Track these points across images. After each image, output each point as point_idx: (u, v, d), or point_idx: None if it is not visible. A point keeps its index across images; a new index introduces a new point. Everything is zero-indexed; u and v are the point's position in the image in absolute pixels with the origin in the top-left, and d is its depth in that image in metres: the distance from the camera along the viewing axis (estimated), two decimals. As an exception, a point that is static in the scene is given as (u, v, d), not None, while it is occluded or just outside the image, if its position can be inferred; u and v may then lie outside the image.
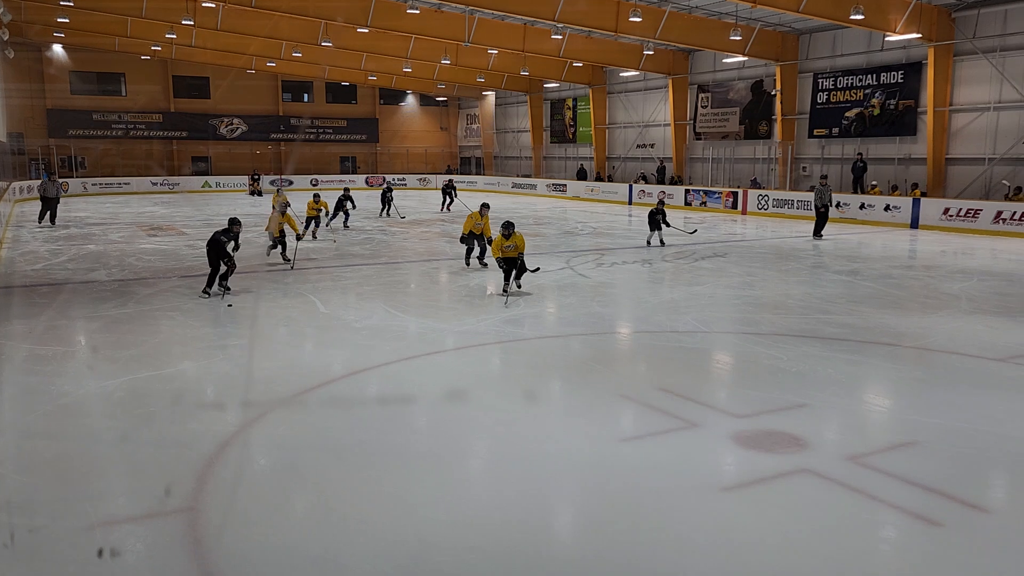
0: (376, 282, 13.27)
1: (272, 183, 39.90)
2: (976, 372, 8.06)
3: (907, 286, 13.23)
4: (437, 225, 23.84)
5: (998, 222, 20.88)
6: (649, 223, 18.13)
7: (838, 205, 24.83)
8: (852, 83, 26.90)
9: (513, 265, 11.75)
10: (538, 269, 12.76)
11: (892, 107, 25.79)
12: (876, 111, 26.27)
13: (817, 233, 20.29)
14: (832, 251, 17.91)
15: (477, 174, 46.83)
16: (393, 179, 43.55)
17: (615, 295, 12.48)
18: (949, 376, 8.00)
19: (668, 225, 18.41)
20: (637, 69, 32.30)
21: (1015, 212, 20.67)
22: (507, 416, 6.71)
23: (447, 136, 52.15)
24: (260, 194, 37.95)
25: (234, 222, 11.51)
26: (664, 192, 18.23)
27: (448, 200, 28.79)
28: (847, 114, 27.16)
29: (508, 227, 11.68)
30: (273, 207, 16.00)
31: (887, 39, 24.27)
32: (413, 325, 10.11)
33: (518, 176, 43.56)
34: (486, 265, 14.14)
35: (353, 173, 46.61)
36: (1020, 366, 8.20)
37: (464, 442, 6.23)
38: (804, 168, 29.16)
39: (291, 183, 40.59)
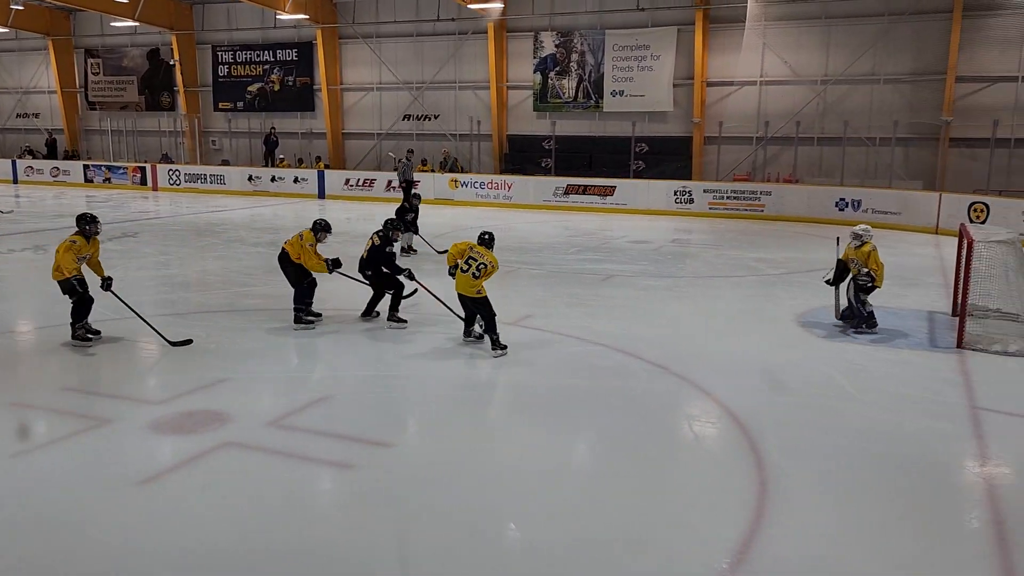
0: None
1: None
2: (372, 324, 8.98)
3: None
4: None
5: (389, 189, 23.66)
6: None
7: (250, 179, 25.29)
8: (251, 58, 27.39)
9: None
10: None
11: (291, 84, 27.05)
12: (277, 87, 27.26)
13: None
14: (248, 223, 18.14)
15: None
16: None
17: (5, 290, 10.67)
18: (358, 333, 8.73)
19: (416, 232, 13.41)
20: (6, 26, 27.78)
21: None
22: None
23: None
24: None
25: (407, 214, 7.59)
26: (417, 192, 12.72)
27: None
28: (250, 88, 27.61)
29: (487, 241, 7.90)
30: None
31: (279, 17, 25.24)
32: None
33: None
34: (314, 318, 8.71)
35: None
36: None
37: None
38: (214, 142, 28.86)
39: None
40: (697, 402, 6.62)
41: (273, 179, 25.11)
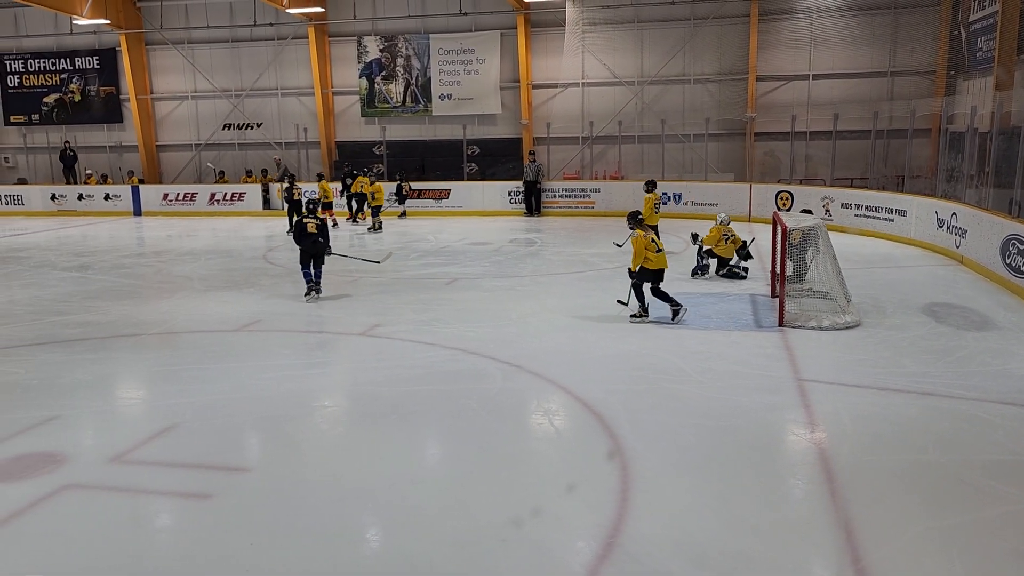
0: None
1: None
2: (218, 345, 8.56)
3: (141, 274, 13.22)
4: None
5: (213, 203, 22.59)
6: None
7: (53, 197, 23.30)
8: (46, 67, 25.23)
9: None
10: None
11: (93, 93, 25.15)
12: (77, 97, 25.27)
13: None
14: (56, 246, 16.71)
15: None
16: None
17: None
18: (196, 354, 8.28)
19: None
20: None
21: (225, 193, 22.65)
22: None
23: None
24: None
25: None
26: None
27: None
28: (46, 99, 25.43)
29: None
30: None
31: (76, 23, 23.41)
32: None
33: None
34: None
35: None
36: (253, 332, 9.04)
37: None
38: (7, 159, 26.32)
39: None
40: (553, 397, 6.80)
41: (81, 197, 23.31)
